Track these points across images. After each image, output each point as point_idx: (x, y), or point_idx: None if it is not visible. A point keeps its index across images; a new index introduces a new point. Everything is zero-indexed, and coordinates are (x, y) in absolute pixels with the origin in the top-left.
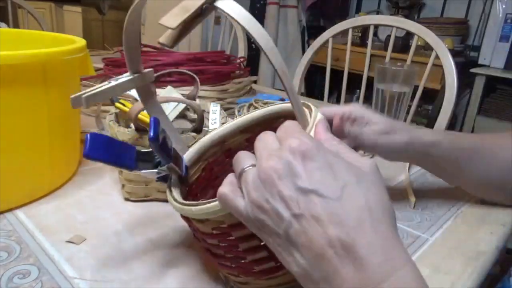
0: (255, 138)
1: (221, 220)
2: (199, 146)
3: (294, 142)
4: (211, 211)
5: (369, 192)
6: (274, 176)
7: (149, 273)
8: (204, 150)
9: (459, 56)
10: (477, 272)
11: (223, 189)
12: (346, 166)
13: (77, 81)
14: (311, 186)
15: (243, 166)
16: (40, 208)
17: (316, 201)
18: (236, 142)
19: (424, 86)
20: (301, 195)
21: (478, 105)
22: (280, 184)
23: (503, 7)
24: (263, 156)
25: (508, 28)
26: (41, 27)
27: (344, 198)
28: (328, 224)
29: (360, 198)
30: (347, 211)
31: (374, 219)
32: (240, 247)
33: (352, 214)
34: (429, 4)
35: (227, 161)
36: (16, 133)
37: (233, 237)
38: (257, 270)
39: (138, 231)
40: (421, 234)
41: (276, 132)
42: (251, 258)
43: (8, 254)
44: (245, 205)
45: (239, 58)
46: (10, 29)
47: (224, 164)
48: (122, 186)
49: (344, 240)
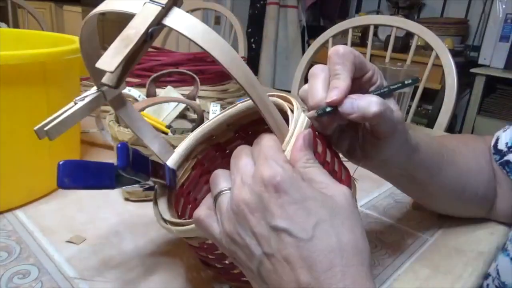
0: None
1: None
2: (186, 145)
3: (267, 172)
4: (191, 231)
5: (342, 229)
6: (246, 211)
7: (149, 273)
8: (191, 149)
9: (459, 56)
10: (477, 272)
11: (198, 212)
12: (320, 200)
13: (77, 81)
14: (282, 225)
15: (218, 190)
16: (40, 208)
17: (288, 241)
18: (223, 135)
19: (424, 86)
20: (272, 233)
21: (478, 105)
22: (252, 220)
23: (503, 7)
24: (236, 184)
25: (508, 28)
26: (41, 27)
27: (316, 237)
28: (299, 268)
29: (332, 238)
30: (318, 254)
31: (344, 262)
32: (227, 260)
33: (322, 258)
34: (429, 4)
35: (218, 155)
36: (16, 133)
37: (219, 251)
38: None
39: (138, 231)
40: (421, 234)
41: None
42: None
43: (8, 254)
44: (220, 233)
45: None
46: (10, 29)
47: (215, 158)
48: None
49: (313, 286)
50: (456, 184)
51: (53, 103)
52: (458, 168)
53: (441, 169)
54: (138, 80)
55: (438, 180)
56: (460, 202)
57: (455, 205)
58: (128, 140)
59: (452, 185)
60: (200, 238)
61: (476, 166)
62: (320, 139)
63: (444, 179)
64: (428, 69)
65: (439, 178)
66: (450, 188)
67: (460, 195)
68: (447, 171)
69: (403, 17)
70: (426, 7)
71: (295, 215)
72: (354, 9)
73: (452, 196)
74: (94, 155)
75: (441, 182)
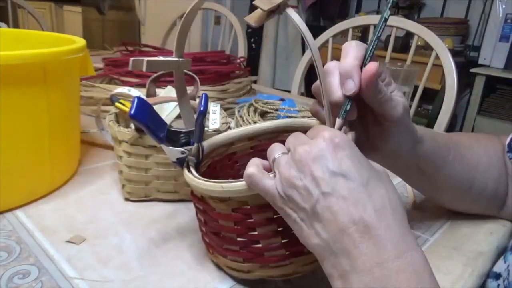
0: (260, 147)
1: (245, 200)
2: (210, 143)
3: (327, 133)
4: (241, 189)
5: (388, 188)
6: (308, 158)
7: (149, 273)
8: (214, 148)
9: (459, 56)
10: (477, 272)
11: (250, 169)
12: (369, 164)
13: (77, 81)
14: (340, 170)
15: (278, 153)
16: (40, 208)
17: (345, 184)
18: (242, 147)
19: (424, 86)
20: (331, 177)
21: (478, 105)
22: (313, 165)
23: (503, 7)
24: (298, 144)
25: (508, 28)
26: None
27: (370, 186)
28: (353, 204)
29: (382, 189)
30: (371, 197)
31: (393, 208)
32: (257, 230)
33: (375, 200)
34: (429, 4)
35: (229, 164)
36: (16, 133)
37: (252, 220)
38: (267, 256)
39: (138, 231)
40: (421, 234)
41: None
42: (265, 243)
43: (8, 254)
44: (274, 183)
45: (239, 58)
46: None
47: (226, 166)
48: (122, 186)
49: (366, 220)
50: (463, 178)
51: (53, 103)
52: (466, 163)
53: (446, 163)
54: (138, 80)
55: (445, 173)
56: (468, 197)
57: (463, 200)
58: (128, 140)
59: (459, 179)
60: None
61: (487, 162)
62: None
63: (451, 173)
64: (428, 69)
65: (445, 171)
66: (458, 182)
67: (468, 190)
68: (454, 165)
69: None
70: (426, 7)
71: (351, 166)
72: (354, 9)
73: (460, 190)
74: (94, 155)
75: (448, 175)
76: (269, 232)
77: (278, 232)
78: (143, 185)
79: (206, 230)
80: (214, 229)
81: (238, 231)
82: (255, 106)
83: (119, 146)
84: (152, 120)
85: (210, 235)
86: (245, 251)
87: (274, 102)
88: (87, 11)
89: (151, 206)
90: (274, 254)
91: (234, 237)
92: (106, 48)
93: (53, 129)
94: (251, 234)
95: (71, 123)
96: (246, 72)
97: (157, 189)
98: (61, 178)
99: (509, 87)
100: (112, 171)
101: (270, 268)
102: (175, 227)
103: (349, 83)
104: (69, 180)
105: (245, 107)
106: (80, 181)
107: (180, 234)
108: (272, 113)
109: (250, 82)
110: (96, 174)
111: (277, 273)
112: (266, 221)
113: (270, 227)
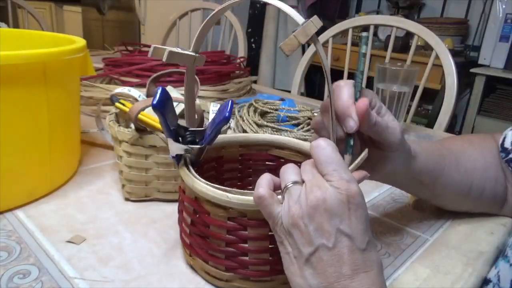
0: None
1: (245, 212)
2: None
3: (347, 185)
4: (247, 203)
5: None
6: (321, 207)
7: (149, 273)
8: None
9: (459, 56)
10: (477, 272)
11: (261, 191)
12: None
13: (77, 81)
14: (348, 232)
15: (291, 180)
16: (40, 208)
17: (347, 243)
18: (231, 153)
19: (424, 86)
20: (337, 233)
21: (478, 105)
22: (323, 217)
23: (503, 7)
24: (314, 185)
25: (508, 28)
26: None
27: (366, 251)
28: (348, 265)
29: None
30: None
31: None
32: (248, 243)
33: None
34: (429, 4)
35: (215, 166)
36: (16, 133)
37: (247, 232)
38: (251, 270)
39: (138, 231)
40: (421, 234)
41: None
42: (253, 257)
43: (8, 254)
44: (280, 213)
45: (239, 58)
46: (10, 29)
47: (213, 168)
48: (122, 186)
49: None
50: (462, 183)
51: (53, 103)
52: (463, 168)
53: (443, 172)
54: (138, 80)
55: (443, 181)
56: (468, 199)
57: (464, 202)
58: (128, 140)
59: (458, 185)
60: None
61: (483, 163)
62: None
63: (449, 180)
64: (428, 69)
65: (443, 179)
66: (457, 188)
67: (468, 193)
68: (452, 172)
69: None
70: (426, 7)
71: (359, 229)
72: (354, 9)
73: (460, 194)
74: (94, 155)
75: (446, 183)
76: (260, 247)
77: (269, 249)
78: (143, 185)
79: (191, 231)
80: (202, 233)
81: (228, 240)
82: (255, 106)
83: (119, 146)
84: (169, 113)
85: (195, 237)
86: (230, 261)
87: (274, 102)
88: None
89: (151, 206)
90: (259, 269)
91: (223, 245)
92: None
93: (53, 129)
94: (241, 245)
95: (71, 123)
96: (246, 72)
97: (157, 189)
98: (61, 178)
99: (509, 87)
100: (112, 171)
101: (250, 282)
102: (175, 227)
103: (349, 122)
104: (69, 180)
105: (245, 107)
106: (80, 181)
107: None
108: (272, 113)
109: (250, 82)
110: (96, 174)
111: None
112: (260, 236)
113: (262, 243)
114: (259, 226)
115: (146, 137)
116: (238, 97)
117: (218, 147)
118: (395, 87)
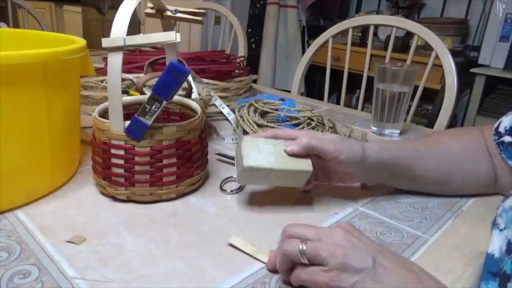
0: None
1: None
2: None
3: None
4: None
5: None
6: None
7: (149, 273)
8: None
9: (459, 56)
10: (477, 272)
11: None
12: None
13: (77, 81)
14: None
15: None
16: (40, 208)
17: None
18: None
19: (424, 86)
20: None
21: (478, 105)
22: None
23: (503, 7)
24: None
25: (508, 28)
26: (41, 27)
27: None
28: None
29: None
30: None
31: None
32: (163, 161)
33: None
34: (429, 4)
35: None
36: (16, 133)
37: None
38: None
39: (138, 231)
40: (421, 234)
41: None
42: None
43: (8, 254)
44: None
45: (239, 57)
46: (10, 29)
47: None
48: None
49: None
50: (440, 171)
51: (53, 103)
52: (437, 156)
53: (413, 161)
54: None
55: (418, 172)
56: (455, 184)
57: (452, 187)
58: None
59: (437, 173)
60: (154, 140)
61: (460, 150)
62: None
63: (423, 169)
64: (428, 69)
65: (417, 170)
66: (437, 175)
67: (451, 179)
68: (425, 161)
69: (403, 17)
70: (426, 7)
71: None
72: (354, 9)
73: (441, 182)
74: None
75: (422, 173)
76: (170, 162)
77: (175, 163)
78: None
79: (126, 167)
80: (134, 165)
81: (151, 163)
82: (255, 106)
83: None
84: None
85: (122, 172)
86: (153, 177)
87: (274, 102)
88: (87, 11)
89: (151, 206)
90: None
91: (147, 168)
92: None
93: (53, 129)
94: (160, 164)
95: (71, 123)
96: (246, 72)
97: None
98: (61, 178)
99: (509, 87)
100: None
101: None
102: (175, 227)
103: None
104: (69, 180)
105: (245, 107)
106: (80, 181)
107: (180, 234)
108: (272, 113)
109: (250, 80)
110: None
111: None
112: (172, 154)
113: (172, 159)
114: (173, 147)
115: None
116: (239, 95)
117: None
118: (395, 87)
